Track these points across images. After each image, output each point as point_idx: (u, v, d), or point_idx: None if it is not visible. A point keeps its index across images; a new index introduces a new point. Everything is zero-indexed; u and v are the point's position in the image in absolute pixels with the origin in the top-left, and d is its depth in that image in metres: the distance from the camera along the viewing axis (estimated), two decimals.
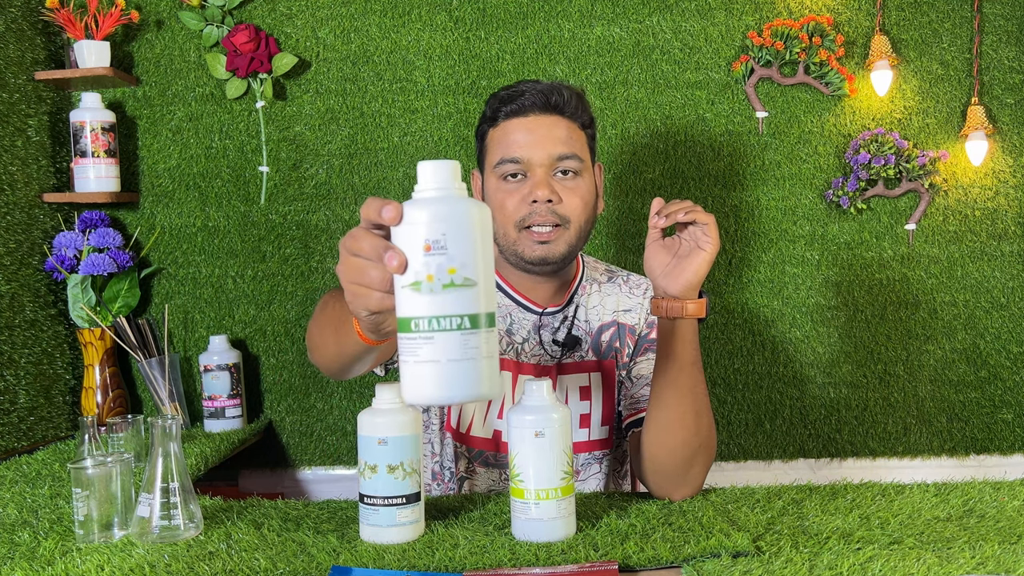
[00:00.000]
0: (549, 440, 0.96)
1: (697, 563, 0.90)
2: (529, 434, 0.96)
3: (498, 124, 1.28)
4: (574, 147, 1.26)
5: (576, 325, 1.34)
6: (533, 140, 1.24)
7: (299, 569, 0.91)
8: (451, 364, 0.67)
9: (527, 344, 1.33)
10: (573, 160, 1.25)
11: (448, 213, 0.69)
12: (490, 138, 1.29)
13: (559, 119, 1.26)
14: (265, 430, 1.96)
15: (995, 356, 1.95)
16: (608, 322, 1.35)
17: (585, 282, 1.38)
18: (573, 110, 1.27)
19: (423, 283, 0.67)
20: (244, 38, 1.85)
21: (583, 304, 1.36)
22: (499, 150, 1.26)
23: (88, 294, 1.84)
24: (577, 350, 1.33)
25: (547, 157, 1.24)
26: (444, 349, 0.67)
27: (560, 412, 0.98)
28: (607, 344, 1.34)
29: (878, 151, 1.88)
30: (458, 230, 0.68)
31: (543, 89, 1.25)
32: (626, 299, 1.37)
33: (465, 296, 0.67)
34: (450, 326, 0.67)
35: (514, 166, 1.24)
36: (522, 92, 1.26)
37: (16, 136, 1.75)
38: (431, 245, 0.67)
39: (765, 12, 1.92)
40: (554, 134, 1.25)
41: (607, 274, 1.41)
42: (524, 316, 1.34)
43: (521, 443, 0.97)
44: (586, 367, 1.32)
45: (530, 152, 1.24)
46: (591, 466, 1.34)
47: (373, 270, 0.73)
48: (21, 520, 1.12)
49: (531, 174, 1.24)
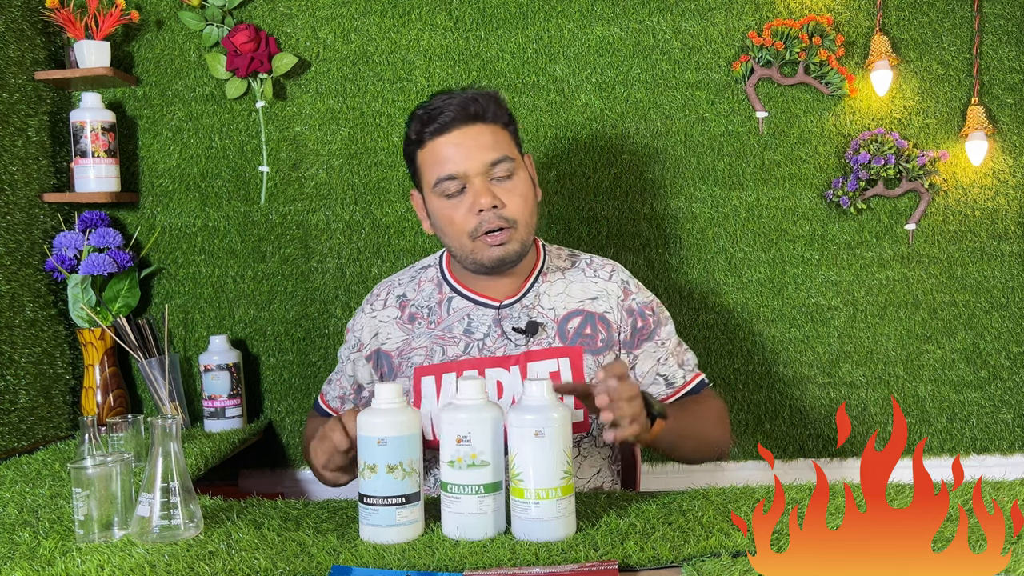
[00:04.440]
0: (549, 440, 0.97)
1: (697, 563, 0.90)
2: (529, 433, 0.97)
3: (425, 145, 1.32)
4: (503, 149, 1.31)
5: (539, 312, 1.36)
6: (463, 153, 1.29)
7: (299, 569, 0.91)
8: (470, 516, 0.99)
9: (488, 338, 1.35)
10: (505, 162, 1.30)
11: (474, 418, 0.99)
12: (420, 160, 1.33)
13: (482, 126, 1.31)
14: (265, 430, 1.96)
15: (995, 356, 1.95)
16: (574, 310, 1.37)
17: (546, 271, 1.41)
18: (493, 114, 1.32)
19: (455, 462, 0.99)
20: (244, 38, 1.85)
21: (546, 292, 1.39)
22: (433, 170, 1.31)
23: (88, 294, 1.84)
24: (541, 335, 1.35)
25: (481, 166, 1.29)
26: (466, 506, 0.99)
27: (560, 411, 0.98)
28: (575, 331, 1.36)
29: (878, 151, 1.88)
30: (480, 429, 0.98)
31: (460, 102, 1.30)
32: (591, 285, 1.40)
33: (481, 472, 0.98)
34: (470, 492, 0.99)
35: (453, 183, 1.29)
36: (441, 110, 1.30)
37: (16, 136, 1.75)
38: (461, 439, 0.98)
39: (765, 12, 1.92)
40: (481, 142, 1.30)
41: (570, 259, 1.44)
42: (483, 312, 1.37)
43: (521, 442, 0.97)
44: (553, 353, 1.35)
45: (464, 165, 1.29)
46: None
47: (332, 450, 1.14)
48: (21, 520, 1.12)
49: (469, 185, 1.29)
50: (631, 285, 1.42)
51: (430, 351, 1.36)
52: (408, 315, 1.40)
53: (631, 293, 1.41)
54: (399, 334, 1.39)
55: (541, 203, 1.93)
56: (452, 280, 1.40)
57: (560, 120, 1.94)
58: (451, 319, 1.37)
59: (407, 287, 1.43)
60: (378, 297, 1.44)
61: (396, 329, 1.40)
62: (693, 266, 1.95)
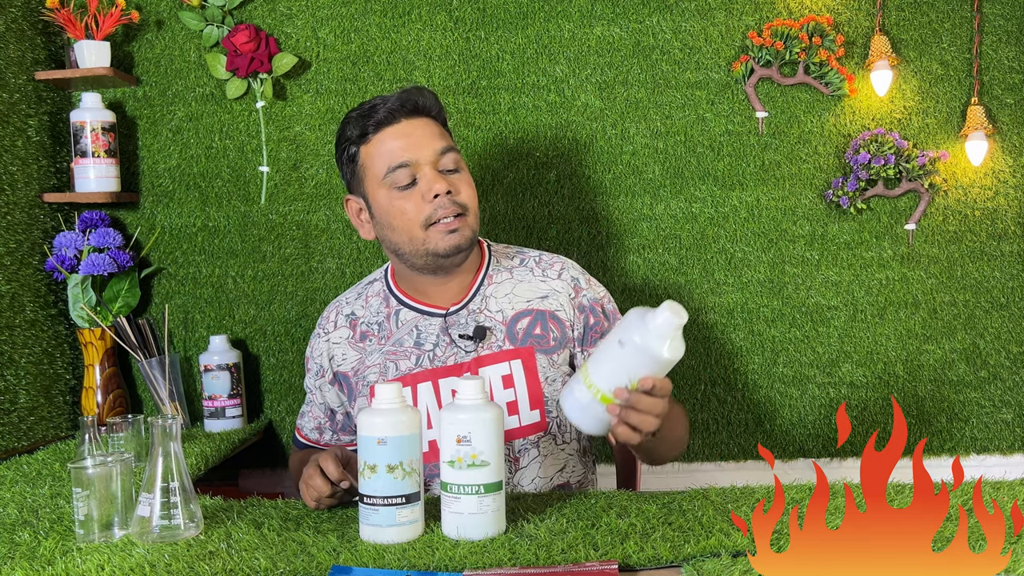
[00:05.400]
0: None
1: (697, 563, 0.90)
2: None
3: (370, 139, 1.31)
4: (448, 139, 1.32)
5: (487, 316, 1.35)
6: (413, 142, 1.29)
7: (299, 569, 0.91)
8: (470, 516, 0.99)
9: (438, 348, 1.34)
10: (453, 152, 1.31)
11: (474, 418, 1.00)
12: (365, 155, 1.32)
13: (427, 120, 1.32)
14: (265, 430, 1.96)
15: (995, 356, 1.95)
16: (523, 310, 1.36)
17: (492, 271, 1.39)
18: (434, 109, 1.34)
19: (455, 462, 0.99)
20: (244, 38, 1.85)
21: (492, 295, 1.37)
22: (382, 160, 1.29)
23: (88, 294, 1.84)
24: (489, 340, 1.34)
25: (432, 153, 1.29)
26: (466, 506, 0.99)
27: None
28: (524, 331, 1.35)
29: (878, 151, 1.88)
30: (481, 429, 0.99)
31: (401, 96, 1.31)
32: (540, 284, 1.38)
33: (481, 472, 0.99)
34: (470, 492, 0.99)
35: (404, 171, 1.28)
36: (384, 101, 1.30)
37: (16, 136, 1.75)
38: (461, 439, 0.99)
39: (765, 12, 1.92)
40: (428, 131, 1.31)
41: (518, 257, 1.43)
42: (430, 322, 1.35)
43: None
44: (504, 356, 1.34)
45: (415, 153, 1.28)
46: (528, 451, 1.35)
47: (318, 496, 1.11)
48: (21, 520, 1.12)
49: (421, 175, 1.28)
50: (581, 281, 1.40)
51: (383, 367, 1.35)
52: (359, 333, 1.39)
53: (582, 290, 1.39)
54: (352, 354, 1.38)
55: (540, 203, 1.94)
56: (398, 292, 1.39)
57: (560, 120, 1.94)
58: (400, 332, 1.36)
59: (355, 305, 1.42)
60: (328, 320, 1.43)
61: (349, 349, 1.38)
62: (693, 266, 1.95)
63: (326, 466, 1.09)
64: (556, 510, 1.10)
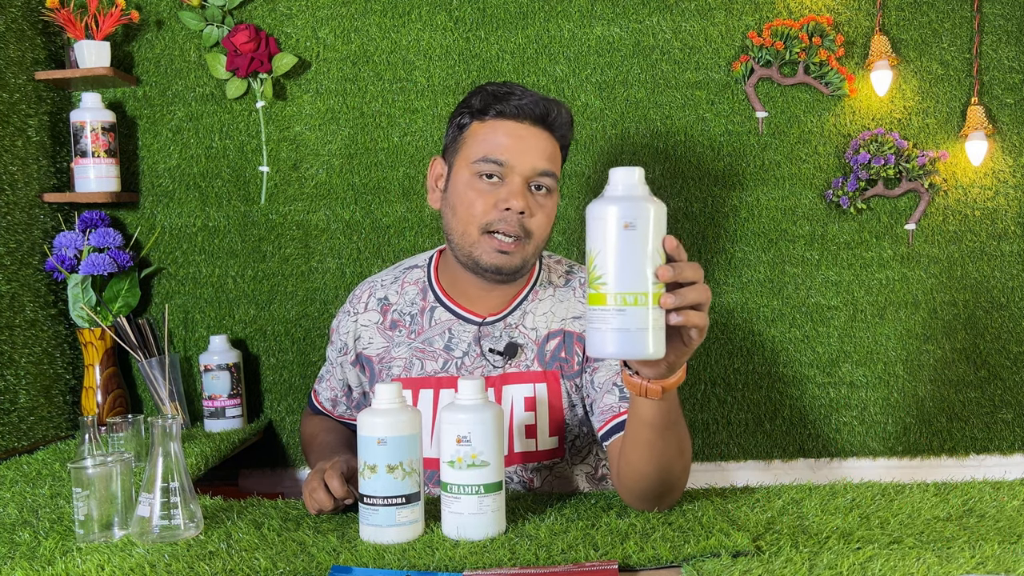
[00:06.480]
0: None
1: (697, 563, 0.90)
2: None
3: (486, 120, 1.25)
4: (554, 165, 1.26)
5: (521, 332, 1.31)
6: (521, 148, 1.23)
7: (299, 569, 0.91)
8: (470, 516, 1.00)
9: (467, 357, 1.31)
10: (550, 178, 1.25)
11: (474, 418, 1.00)
12: (472, 131, 1.26)
13: (548, 135, 1.26)
14: (265, 430, 1.97)
15: (995, 356, 1.95)
16: (555, 330, 1.31)
17: (539, 287, 1.35)
18: (562, 129, 1.28)
19: (455, 462, 1.00)
20: (244, 38, 1.85)
21: (532, 311, 1.32)
22: (482, 147, 1.24)
23: (88, 294, 1.84)
24: (520, 358, 1.30)
25: (530, 169, 1.23)
26: (466, 506, 1.00)
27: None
28: (552, 354, 1.30)
29: (878, 151, 1.88)
30: (481, 429, 1.00)
31: (541, 101, 1.25)
32: (578, 305, 1.33)
33: (481, 472, 1.00)
34: (470, 492, 1.00)
35: (495, 167, 1.23)
36: (519, 96, 1.24)
37: (16, 136, 1.75)
38: (461, 439, 1.00)
39: (765, 12, 1.92)
40: (540, 147, 1.24)
41: (566, 277, 1.37)
42: (464, 328, 1.32)
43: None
44: (530, 377, 1.30)
45: (515, 158, 1.22)
46: (541, 472, 1.32)
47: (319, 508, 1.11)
48: (21, 520, 1.12)
49: (508, 180, 1.23)
50: None
51: (409, 363, 1.33)
52: (390, 321, 1.35)
53: None
54: (380, 340, 1.36)
55: None
56: (438, 288, 1.35)
57: None
58: (432, 331, 1.33)
59: (389, 289, 1.38)
60: (359, 299, 1.40)
61: (377, 335, 1.36)
62: None
63: (331, 483, 1.09)
64: (556, 510, 1.10)
